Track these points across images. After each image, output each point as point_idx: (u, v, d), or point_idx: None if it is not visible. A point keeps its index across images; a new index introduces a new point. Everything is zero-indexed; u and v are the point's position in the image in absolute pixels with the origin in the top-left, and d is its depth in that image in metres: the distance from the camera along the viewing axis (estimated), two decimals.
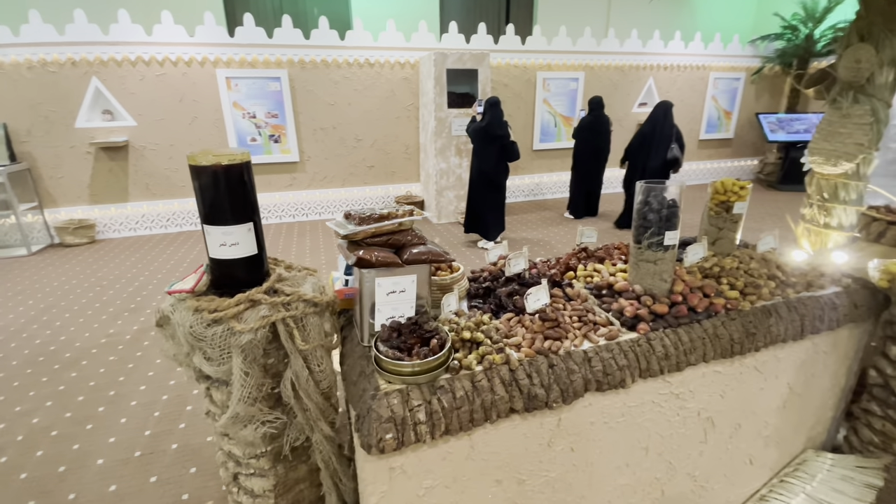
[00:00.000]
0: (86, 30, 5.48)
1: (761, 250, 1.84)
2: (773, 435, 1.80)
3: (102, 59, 5.62)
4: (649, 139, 5.75)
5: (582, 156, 6.29)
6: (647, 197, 1.49)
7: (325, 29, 6.36)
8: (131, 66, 5.75)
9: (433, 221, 6.83)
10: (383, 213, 1.33)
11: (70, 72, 5.57)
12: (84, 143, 5.81)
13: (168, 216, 6.38)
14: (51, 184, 5.87)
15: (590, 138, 6.12)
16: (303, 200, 6.95)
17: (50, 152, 5.75)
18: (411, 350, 1.20)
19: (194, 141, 6.22)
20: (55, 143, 5.73)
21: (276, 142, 6.56)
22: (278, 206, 6.85)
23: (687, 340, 1.41)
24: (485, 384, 1.18)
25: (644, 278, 1.53)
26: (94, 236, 6.07)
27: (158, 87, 5.92)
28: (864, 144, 2.10)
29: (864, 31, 2.06)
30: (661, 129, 5.66)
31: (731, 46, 8.62)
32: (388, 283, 1.28)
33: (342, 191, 7.13)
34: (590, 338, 1.37)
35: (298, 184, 6.89)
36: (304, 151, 6.76)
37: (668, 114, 5.68)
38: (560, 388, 1.24)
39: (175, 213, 6.40)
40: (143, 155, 6.10)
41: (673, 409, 1.49)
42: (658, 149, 5.70)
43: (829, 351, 1.76)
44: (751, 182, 1.81)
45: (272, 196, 6.80)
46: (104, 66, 5.66)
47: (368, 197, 7.28)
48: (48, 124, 5.66)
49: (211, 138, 6.28)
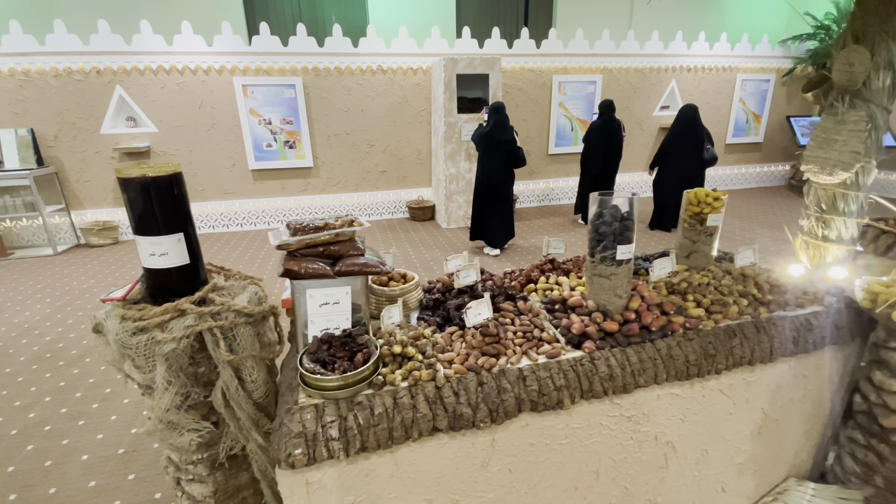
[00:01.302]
0: (109, 40, 5.76)
1: (740, 265, 1.73)
2: (749, 462, 1.69)
3: (126, 68, 5.89)
4: (680, 143, 5.81)
5: (590, 160, 6.17)
6: (601, 209, 1.42)
7: (339, 36, 6.47)
8: (153, 74, 6.01)
9: (442, 227, 6.82)
10: (319, 224, 1.33)
11: (95, 80, 5.87)
12: (108, 149, 6.10)
13: None
14: (77, 187, 6.19)
15: (599, 142, 6.00)
16: (316, 205, 7.07)
17: (76, 157, 6.06)
18: (338, 363, 1.18)
19: (212, 147, 6.44)
20: (81, 148, 6.04)
21: (290, 147, 6.71)
22: (293, 211, 7.00)
23: (636, 361, 1.34)
24: (406, 401, 1.15)
25: (598, 293, 1.47)
26: (118, 237, 6.35)
27: (178, 95, 6.15)
28: (860, 153, 1.96)
29: (860, 33, 1.93)
30: (692, 131, 5.74)
31: (759, 47, 8.26)
32: (321, 295, 1.27)
33: (355, 195, 7.21)
34: (530, 355, 1.32)
35: (312, 188, 7.02)
36: (318, 157, 6.88)
37: (696, 117, 5.78)
38: (488, 408, 1.20)
39: (194, 215, 6.59)
40: (164, 160, 6.34)
41: (625, 433, 1.42)
42: (691, 151, 5.76)
43: (811, 374, 1.64)
44: (725, 193, 1.71)
45: (287, 200, 6.95)
46: (127, 74, 5.93)
47: (380, 202, 7.34)
48: (75, 130, 5.97)
49: (228, 144, 6.48)
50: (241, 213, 6.75)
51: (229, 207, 6.70)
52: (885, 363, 1.55)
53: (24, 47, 5.55)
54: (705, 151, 5.77)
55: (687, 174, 5.81)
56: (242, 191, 6.71)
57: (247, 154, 6.54)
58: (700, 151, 5.75)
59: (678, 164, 5.88)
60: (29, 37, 5.56)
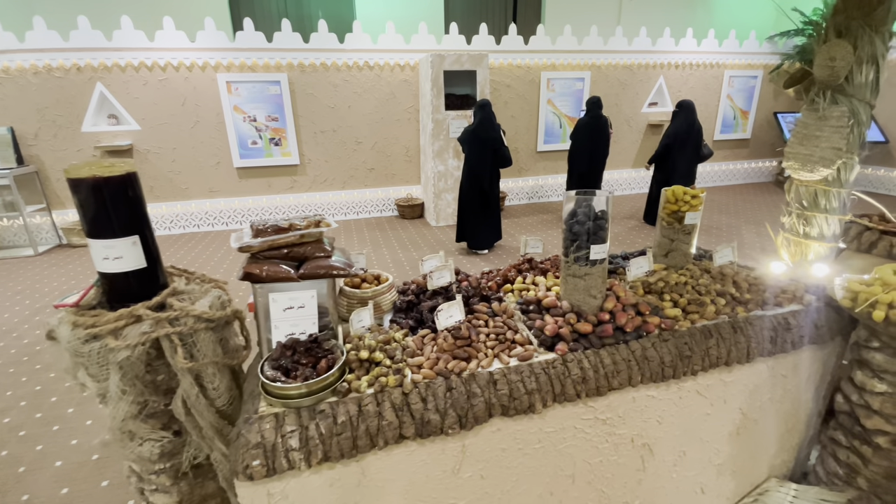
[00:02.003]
0: (89, 36, 5.64)
1: (719, 263, 1.71)
2: (728, 463, 1.67)
3: (106, 65, 5.77)
4: (685, 139, 5.80)
5: (577, 157, 6.13)
6: (576, 207, 1.39)
7: (325, 32, 6.38)
8: (134, 71, 5.89)
9: (431, 224, 6.78)
10: (283, 224, 1.28)
11: (75, 77, 5.74)
12: (90, 147, 5.98)
13: (171, 218, 6.52)
14: (58, 186, 6.06)
15: (585, 140, 5.97)
16: (303, 203, 7.00)
17: (57, 155, 5.93)
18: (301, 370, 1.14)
19: (196, 144, 6.33)
20: (62, 146, 5.92)
21: (276, 145, 6.62)
22: (279, 209, 6.91)
23: (609, 363, 1.31)
24: (372, 409, 1.11)
25: (572, 294, 1.44)
26: None
27: (161, 92, 6.04)
28: (842, 149, 1.94)
29: (842, 27, 1.91)
30: (693, 127, 5.78)
31: (747, 43, 8.28)
32: (284, 299, 1.23)
33: (342, 193, 7.15)
34: (501, 358, 1.29)
35: (299, 186, 6.94)
36: (304, 154, 6.80)
37: (694, 112, 5.84)
38: (457, 414, 1.16)
39: (178, 214, 6.53)
40: (147, 158, 6.23)
41: (600, 436, 1.39)
42: (689, 146, 5.79)
43: (790, 374, 1.62)
44: (703, 190, 1.69)
45: (273, 199, 6.86)
46: (108, 71, 5.81)
47: (369, 200, 7.28)
48: (55, 128, 5.84)
49: (213, 142, 6.38)
50: (226, 212, 6.66)
51: (214, 206, 6.61)
52: (867, 363, 1.54)
53: (2, 45, 5.41)
54: (703, 147, 5.82)
55: (685, 169, 5.86)
56: (227, 189, 6.62)
57: (231, 152, 6.44)
58: (697, 147, 5.79)
59: (678, 160, 5.89)
60: (8, 34, 5.42)
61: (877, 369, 1.50)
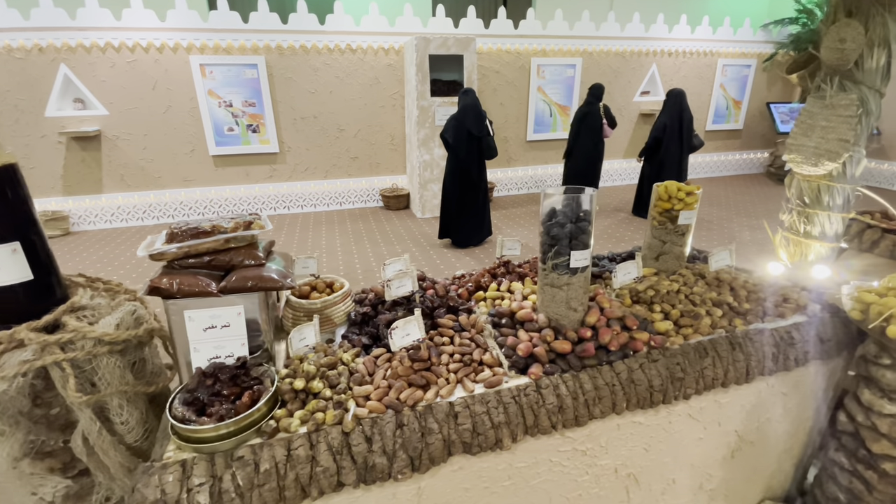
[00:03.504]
0: (52, 14, 5.28)
1: (715, 268, 1.54)
2: (720, 488, 1.52)
3: (70, 45, 5.42)
4: (678, 130, 5.65)
5: (572, 147, 5.94)
6: (555, 207, 1.20)
7: (304, 13, 6.07)
8: (101, 52, 5.55)
9: (417, 216, 6.56)
10: (206, 227, 1.07)
11: (37, 58, 5.39)
12: (54, 133, 5.65)
13: (144, 208, 6.22)
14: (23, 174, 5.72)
15: (580, 130, 5.77)
16: (283, 192, 6.73)
17: (20, 142, 5.60)
18: (216, 406, 0.94)
19: (169, 131, 6.02)
20: (25, 132, 5.58)
21: (254, 132, 6.33)
22: (258, 199, 6.64)
23: (591, 388, 1.13)
24: (303, 452, 0.92)
25: (550, 306, 1.26)
26: (69, 228, 5.94)
27: (130, 75, 5.71)
28: (849, 141, 1.77)
29: (852, 6, 1.72)
30: (683, 117, 5.64)
31: (741, 31, 8.08)
32: (204, 317, 1.03)
33: (324, 183, 6.89)
34: (465, 384, 1.10)
35: (279, 175, 6.66)
36: (283, 142, 6.51)
37: (685, 101, 5.69)
38: (408, 455, 0.98)
39: (151, 204, 6.24)
40: (117, 145, 5.92)
41: (579, 468, 1.22)
42: (680, 136, 5.65)
43: (790, 392, 1.46)
44: (699, 187, 1.50)
45: (251, 188, 6.58)
46: (72, 52, 5.46)
47: (352, 190, 7.03)
48: (17, 113, 5.50)
49: (186, 128, 6.07)
50: (202, 202, 6.37)
51: (189, 196, 6.32)
52: (876, 381, 1.38)
53: None
54: (694, 138, 5.68)
55: (676, 161, 5.72)
56: (203, 178, 6.32)
57: (207, 138, 6.14)
58: (688, 137, 5.63)
59: (669, 152, 5.74)
60: None
61: (887, 389, 1.35)
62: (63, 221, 5.84)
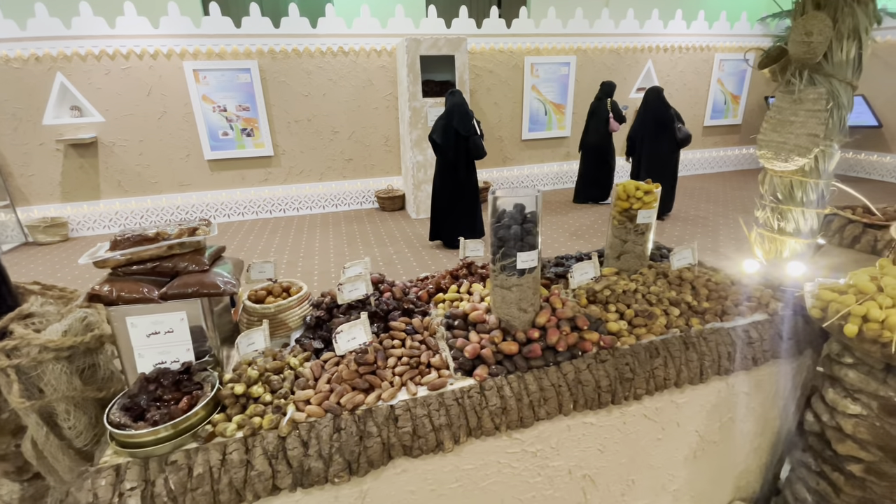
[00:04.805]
0: (48, 24, 5.36)
1: (677, 266, 1.52)
2: (685, 489, 1.51)
3: (66, 54, 5.50)
4: (649, 126, 5.69)
5: (583, 143, 6.39)
6: (500, 209, 1.20)
7: (296, 16, 6.10)
8: (96, 60, 5.62)
9: (412, 217, 6.57)
10: (150, 234, 1.09)
11: (34, 67, 5.47)
12: (52, 141, 5.73)
13: (141, 213, 6.28)
14: (22, 182, 5.82)
15: (589, 124, 6.13)
16: (279, 196, 6.77)
17: (19, 150, 5.68)
18: (153, 411, 0.96)
19: (164, 136, 6.08)
20: (23, 140, 5.66)
21: (248, 136, 6.37)
22: (254, 202, 6.69)
23: (536, 389, 1.13)
24: (237, 457, 0.93)
25: (501, 307, 1.25)
26: (67, 234, 6.02)
27: (125, 82, 5.77)
28: (818, 135, 1.75)
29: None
30: (660, 113, 5.60)
31: (738, 25, 8.01)
32: (146, 324, 1.04)
33: (319, 185, 6.92)
34: (409, 387, 1.11)
35: (274, 178, 6.71)
36: (278, 145, 6.55)
37: (661, 97, 5.63)
38: (345, 459, 0.99)
39: (148, 209, 6.30)
40: (113, 151, 5.99)
41: (531, 469, 1.22)
42: (661, 134, 5.63)
43: (753, 391, 1.45)
44: (658, 185, 1.50)
45: (247, 192, 6.63)
46: (68, 61, 5.53)
47: (347, 191, 7.05)
48: (15, 122, 5.58)
49: (181, 133, 6.13)
50: (198, 206, 6.43)
51: (186, 200, 6.38)
52: (839, 381, 1.36)
53: None
54: (677, 131, 5.62)
55: (660, 157, 5.69)
56: (199, 182, 6.38)
57: (202, 143, 6.19)
58: (671, 133, 5.57)
59: (651, 148, 5.74)
60: None
61: (850, 388, 1.33)
62: (62, 228, 5.92)
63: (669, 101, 5.74)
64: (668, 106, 5.64)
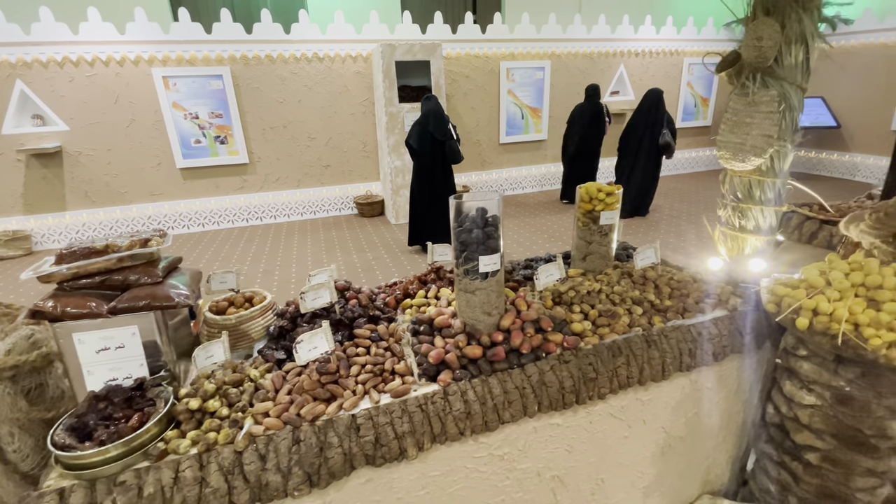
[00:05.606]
0: (5, 30, 5.17)
1: (641, 266, 1.55)
2: (655, 485, 1.53)
3: (26, 61, 5.32)
4: (641, 126, 5.84)
5: (568, 141, 6.50)
6: (462, 213, 1.20)
7: (269, 22, 6.04)
8: (58, 67, 5.45)
9: (391, 222, 6.55)
10: (98, 246, 1.05)
11: None
12: (12, 151, 5.51)
13: (111, 224, 6.10)
14: None
15: (577, 123, 6.27)
16: (255, 203, 6.66)
17: None
18: (100, 430, 0.92)
19: (134, 145, 5.93)
20: None
21: (222, 143, 6.26)
22: (229, 211, 6.56)
23: (500, 392, 1.13)
24: (190, 475, 0.90)
25: (466, 311, 1.25)
26: (31, 248, 5.80)
27: (90, 89, 5.61)
28: (772, 136, 1.81)
29: (769, 4, 1.76)
30: (652, 115, 5.76)
31: (705, 30, 8.26)
32: (95, 339, 1.01)
33: (297, 192, 6.83)
34: (372, 395, 1.09)
35: (249, 186, 6.60)
36: (253, 152, 6.45)
37: (660, 101, 5.79)
38: (305, 471, 0.97)
39: (118, 220, 6.12)
40: (79, 161, 5.80)
41: (499, 473, 1.22)
42: (649, 136, 5.80)
43: (715, 386, 1.48)
44: (620, 187, 1.52)
45: (222, 200, 6.50)
46: (28, 67, 5.35)
47: (326, 198, 6.98)
48: None
49: (152, 141, 5.98)
50: (171, 216, 6.28)
51: (157, 210, 6.22)
52: (795, 372, 1.40)
53: None
54: (661, 136, 5.76)
55: (648, 159, 5.87)
56: (171, 191, 6.23)
57: (173, 151, 6.05)
58: (657, 136, 5.73)
59: (638, 149, 5.90)
60: None
61: (805, 380, 1.37)
62: (25, 241, 5.70)
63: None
64: (661, 110, 5.79)
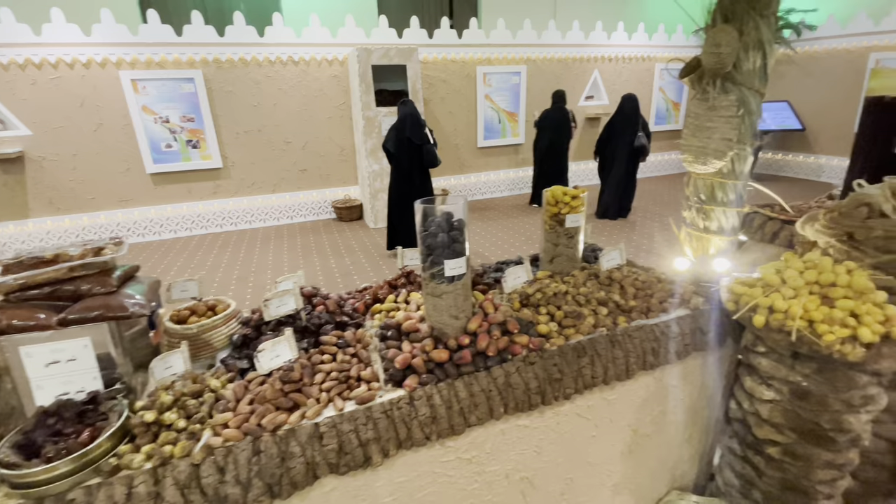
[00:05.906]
0: None
1: (606, 267, 1.58)
2: (624, 482, 1.55)
3: None
4: (618, 130, 6.02)
5: (538, 146, 6.61)
6: (426, 217, 1.20)
7: (242, 25, 5.95)
8: (19, 69, 5.25)
9: (370, 226, 6.51)
10: (47, 256, 1.01)
11: None
12: None
13: (77, 231, 5.89)
14: None
15: (546, 128, 6.39)
16: (230, 209, 6.54)
17: None
18: (48, 446, 0.89)
19: (101, 149, 5.75)
20: None
21: (194, 147, 6.13)
22: (202, 217, 6.42)
23: (466, 396, 1.13)
24: (143, 490, 0.88)
25: (433, 315, 1.26)
26: None
27: (54, 93, 5.43)
28: (732, 139, 1.87)
29: (728, 11, 1.82)
30: (628, 119, 5.92)
31: (675, 37, 8.49)
32: (44, 352, 0.97)
33: (273, 197, 6.74)
34: (336, 403, 1.08)
35: (224, 191, 6.47)
36: (227, 157, 6.34)
37: (636, 105, 5.96)
38: (266, 483, 0.95)
39: (85, 227, 5.92)
40: (43, 166, 5.60)
41: (467, 477, 1.22)
42: (626, 139, 5.94)
43: (680, 384, 1.52)
44: (585, 190, 1.55)
45: (195, 206, 6.36)
46: None
47: (303, 203, 6.90)
48: None
49: (120, 146, 5.82)
50: (141, 223, 6.11)
51: (127, 216, 6.04)
52: (755, 369, 1.44)
53: None
54: (636, 139, 5.90)
55: (624, 162, 6.01)
56: (141, 197, 6.07)
57: (143, 156, 5.90)
58: (632, 139, 5.86)
59: (614, 151, 6.04)
60: None
61: (764, 375, 1.41)
62: None
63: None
64: (636, 114, 5.96)
